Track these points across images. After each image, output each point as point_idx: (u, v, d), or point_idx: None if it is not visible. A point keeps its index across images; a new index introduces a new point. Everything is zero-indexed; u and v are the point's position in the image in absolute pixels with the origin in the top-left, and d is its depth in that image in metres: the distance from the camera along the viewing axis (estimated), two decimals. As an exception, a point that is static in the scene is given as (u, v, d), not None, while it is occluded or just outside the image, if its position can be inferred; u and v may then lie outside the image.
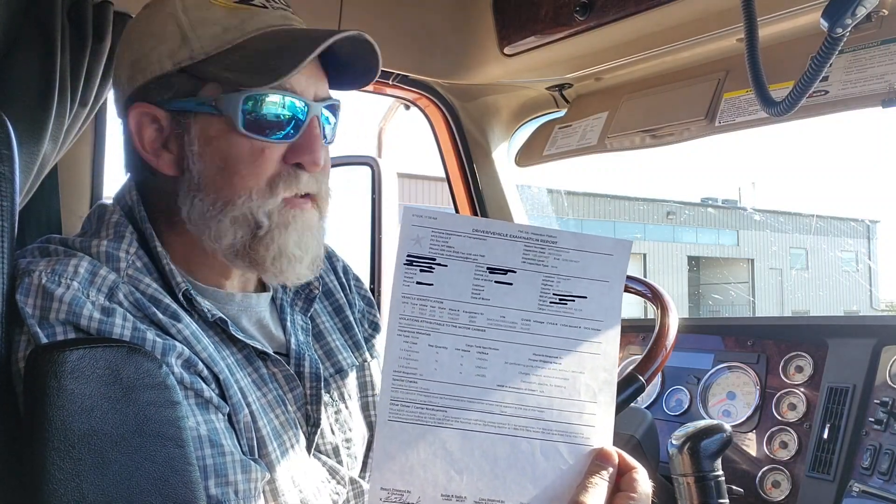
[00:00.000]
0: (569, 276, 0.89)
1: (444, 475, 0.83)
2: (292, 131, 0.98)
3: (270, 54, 0.95)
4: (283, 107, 0.97)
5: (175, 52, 0.97)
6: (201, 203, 0.97)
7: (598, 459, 0.84)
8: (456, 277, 0.87)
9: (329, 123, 1.05)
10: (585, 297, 0.89)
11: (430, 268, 0.88)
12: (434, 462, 0.83)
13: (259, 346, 1.01)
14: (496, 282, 0.88)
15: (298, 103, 0.98)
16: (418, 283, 0.87)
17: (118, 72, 1.03)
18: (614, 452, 0.85)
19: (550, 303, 0.88)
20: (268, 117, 0.96)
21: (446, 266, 0.87)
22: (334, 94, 1.06)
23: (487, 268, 0.88)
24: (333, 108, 1.05)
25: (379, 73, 1.06)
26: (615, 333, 0.88)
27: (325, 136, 1.03)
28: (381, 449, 0.83)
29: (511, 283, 0.88)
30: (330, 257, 1.24)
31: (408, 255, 0.87)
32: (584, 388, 0.86)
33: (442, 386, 0.85)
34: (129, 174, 1.06)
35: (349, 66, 1.03)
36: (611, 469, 0.84)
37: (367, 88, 2.11)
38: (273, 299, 1.11)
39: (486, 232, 0.88)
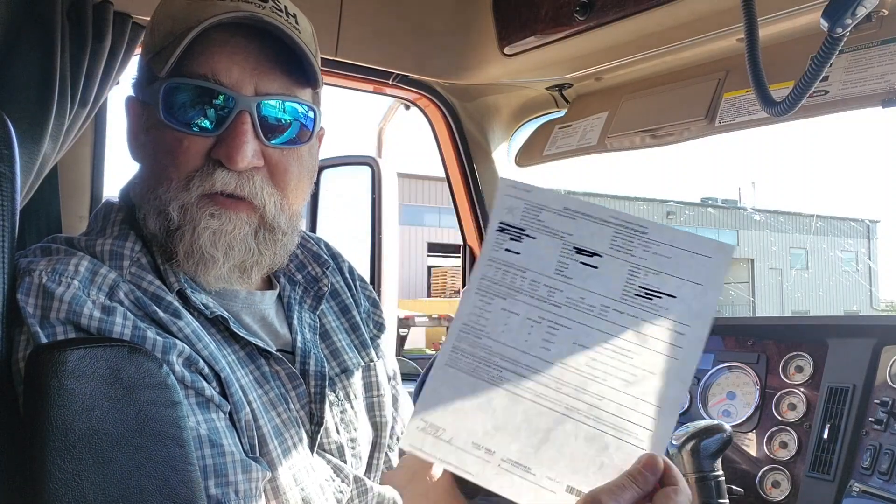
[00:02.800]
0: (658, 272, 0.86)
1: (481, 427, 0.84)
2: (215, 125, 0.94)
3: (176, 42, 0.93)
4: (203, 98, 0.94)
5: (146, 45, 1.01)
6: (139, 191, 0.99)
7: (643, 465, 0.79)
8: (543, 251, 0.88)
9: (278, 121, 0.98)
10: (675, 297, 0.85)
11: (520, 238, 0.89)
12: (476, 413, 0.85)
13: (261, 344, 1.01)
14: (581, 262, 0.87)
15: (220, 95, 0.94)
16: (506, 249, 0.89)
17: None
18: (662, 462, 0.79)
19: (635, 294, 0.85)
20: (186, 108, 0.94)
21: (535, 238, 0.89)
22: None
23: (574, 247, 0.88)
24: (295, 108, 0.99)
25: (311, 65, 0.99)
26: (700, 343, 0.84)
27: (263, 134, 0.96)
28: (431, 388, 0.86)
29: (596, 267, 0.87)
30: (336, 258, 1.24)
31: (500, 223, 0.89)
32: (652, 390, 0.82)
33: (504, 348, 0.86)
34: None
35: (296, 59, 0.97)
36: (650, 478, 0.78)
37: (366, 88, 2.12)
38: (280, 297, 1.11)
39: (577, 212, 0.88)
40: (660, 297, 0.85)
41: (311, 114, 1.02)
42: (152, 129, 0.98)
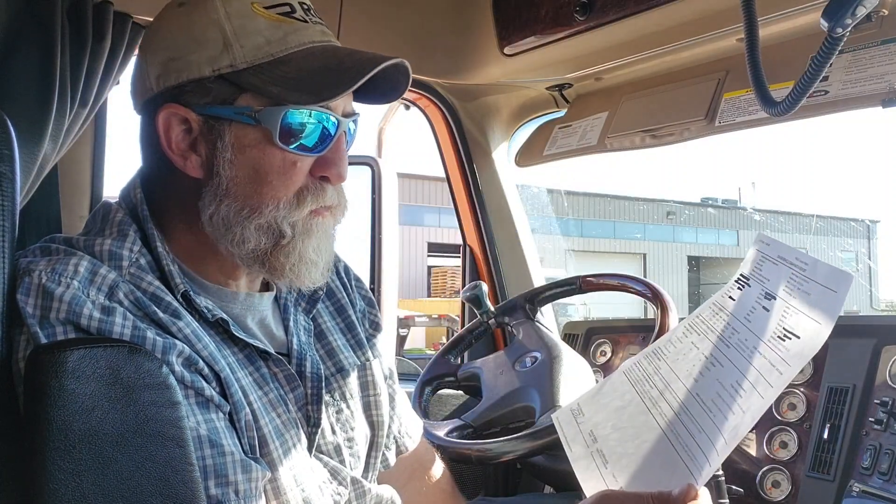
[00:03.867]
0: (799, 311, 0.85)
1: (605, 422, 0.93)
2: (323, 146, 0.99)
3: (316, 73, 0.96)
4: (319, 123, 0.98)
5: (215, 58, 0.96)
6: (227, 208, 0.97)
7: (679, 492, 0.82)
8: (747, 298, 0.91)
9: (352, 137, 1.07)
10: (799, 338, 0.84)
11: (742, 287, 0.93)
12: (611, 412, 0.93)
13: (260, 346, 1.01)
14: (763, 307, 0.89)
15: (332, 120, 0.99)
16: (729, 297, 0.93)
17: (146, 68, 1.01)
18: (696, 494, 0.82)
19: (778, 337, 0.85)
20: (304, 133, 0.97)
21: (751, 287, 0.92)
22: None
23: (765, 292, 0.90)
24: (356, 122, 1.07)
25: (404, 93, 1.08)
26: (786, 383, 0.84)
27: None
28: (601, 386, 0.97)
29: (768, 311, 0.88)
30: None
31: (740, 274, 0.94)
32: (733, 428, 0.83)
33: (669, 372, 0.91)
34: (139, 171, 1.06)
35: (377, 83, 1.01)
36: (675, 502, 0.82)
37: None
38: (276, 299, 1.11)
39: (782, 259, 0.90)
40: (790, 339, 0.84)
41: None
42: (251, 149, 0.97)
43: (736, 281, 0.95)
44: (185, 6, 1.00)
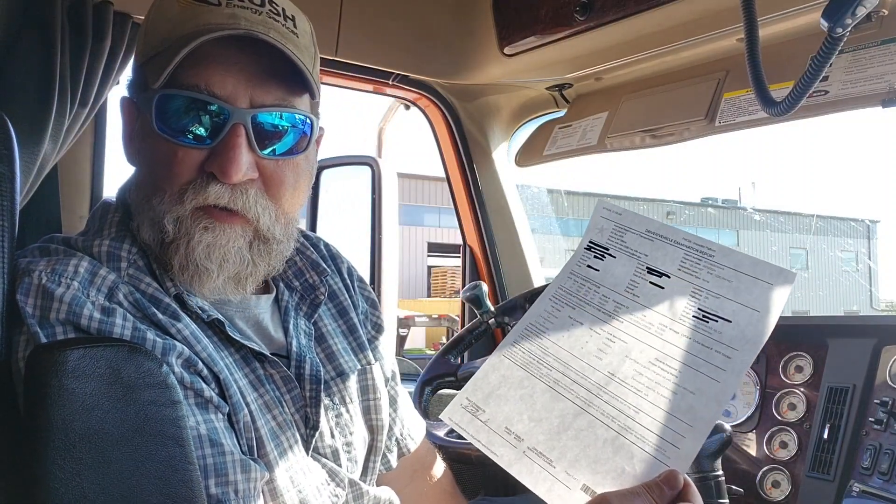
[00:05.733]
0: (719, 295, 0.88)
1: (517, 415, 0.89)
2: (209, 137, 0.93)
3: (170, 52, 0.92)
4: (197, 110, 0.93)
5: (141, 48, 1.01)
6: (135, 198, 0.98)
7: (663, 479, 0.79)
8: (619, 269, 0.94)
9: (273, 132, 0.96)
10: (730, 322, 0.86)
11: (602, 256, 0.95)
12: (516, 402, 0.90)
13: (255, 348, 1.00)
14: (650, 282, 0.91)
15: (214, 108, 0.93)
16: (588, 266, 0.95)
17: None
18: (682, 480, 0.80)
19: (693, 316, 0.87)
20: (181, 120, 0.93)
21: (615, 258, 0.95)
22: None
23: (647, 267, 0.92)
24: (292, 118, 0.97)
25: (308, 77, 0.97)
26: (744, 367, 0.85)
27: (258, 146, 0.95)
28: (483, 373, 0.93)
29: (663, 287, 0.90)
30: (335, 259, 1.23)
31: (589, 241, 0.96)
32: (688, 409, 0.84)
33: (560, 350, 0.91)
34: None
35: (276, 65, 0.95)
36: (667, 493, 0.79)
37: (366, 88, 2.12)
38: (277, 301, 1.10)
39: (656, 234, 0.93)
40: (716, 321, 0.87)
41: (308, 122, 1.00)
42: (147, 138, 0.97)
43: (588, 249, 0.96)
44: None
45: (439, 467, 1.35)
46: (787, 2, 1.40)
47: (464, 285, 2.15)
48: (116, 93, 1.55)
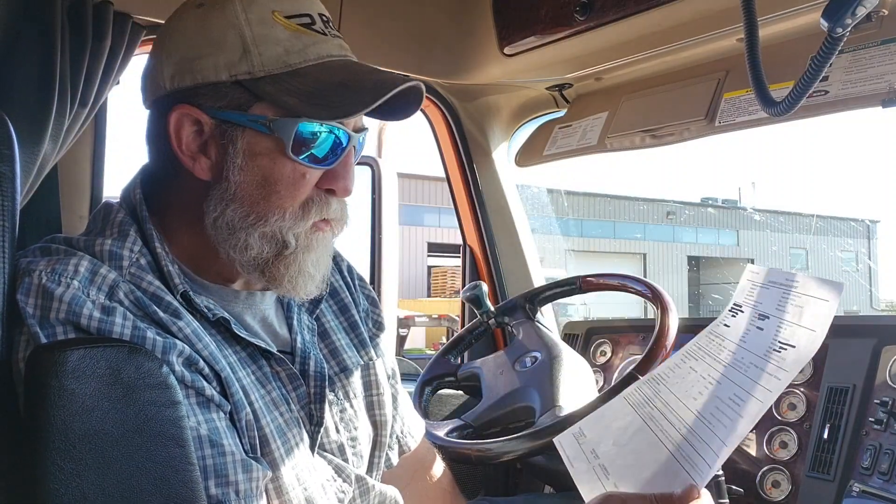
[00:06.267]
0: (791, 323, 0.88)
1: (606, 440, 0.95)
2: (332, 159, 1.00)
3: (333, 89, 0.96)
4: (332, 137, 0.99)
5: (234, 63, 0.96)
6: (233, 213, 0.98)
7: (682, 493, 0.84)
8: (741, 322, 0.94)
9: (360, 151, 1.07)
10: (795, 347, 0.86)
11: (735, 314, 0.96)
12: (614, 433, 0.94)
13: (262, 345, 1.01)
14: (756, 327, 0.92)
15: (344, 134, 1.00)
16: (724, 324, 0.96)
17: (160, 66, 1.00)
18: (697, 494, 0.84)
19: (774, 350, 0.88)
20: (315, 145, 0.98)
21: (743, 312, 0.95)
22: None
23: (758, 314, 0.93)
24: (364, 137, 1.07)
25: (415, 113, 1.07)
26: (783, 387, 0.85)
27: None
28: (602, 410, 0.98)
29: (762, 329, 0.91)
30: (335, 257, 1.24)
31: (734, 303, 0.97)
32: (730, 431, 0.85)
33: (669, 395, 0.93)
34: (140, 170, 1.06)
35: (389, 101, 1.00)
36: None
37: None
38: (279, 298, 1.11)
39: (773, 282, 0.94)
40: (786, 349, 0.87)
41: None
42: (263, 157, 0.97)
43: (730, 310, 0.98)
44: (203, 7, 0.99)
45: (439, 467, 1.35)
46: (787, 2, 1.40)
47: (464, 285, 2.15)
48: (116, 93, 1.55)
